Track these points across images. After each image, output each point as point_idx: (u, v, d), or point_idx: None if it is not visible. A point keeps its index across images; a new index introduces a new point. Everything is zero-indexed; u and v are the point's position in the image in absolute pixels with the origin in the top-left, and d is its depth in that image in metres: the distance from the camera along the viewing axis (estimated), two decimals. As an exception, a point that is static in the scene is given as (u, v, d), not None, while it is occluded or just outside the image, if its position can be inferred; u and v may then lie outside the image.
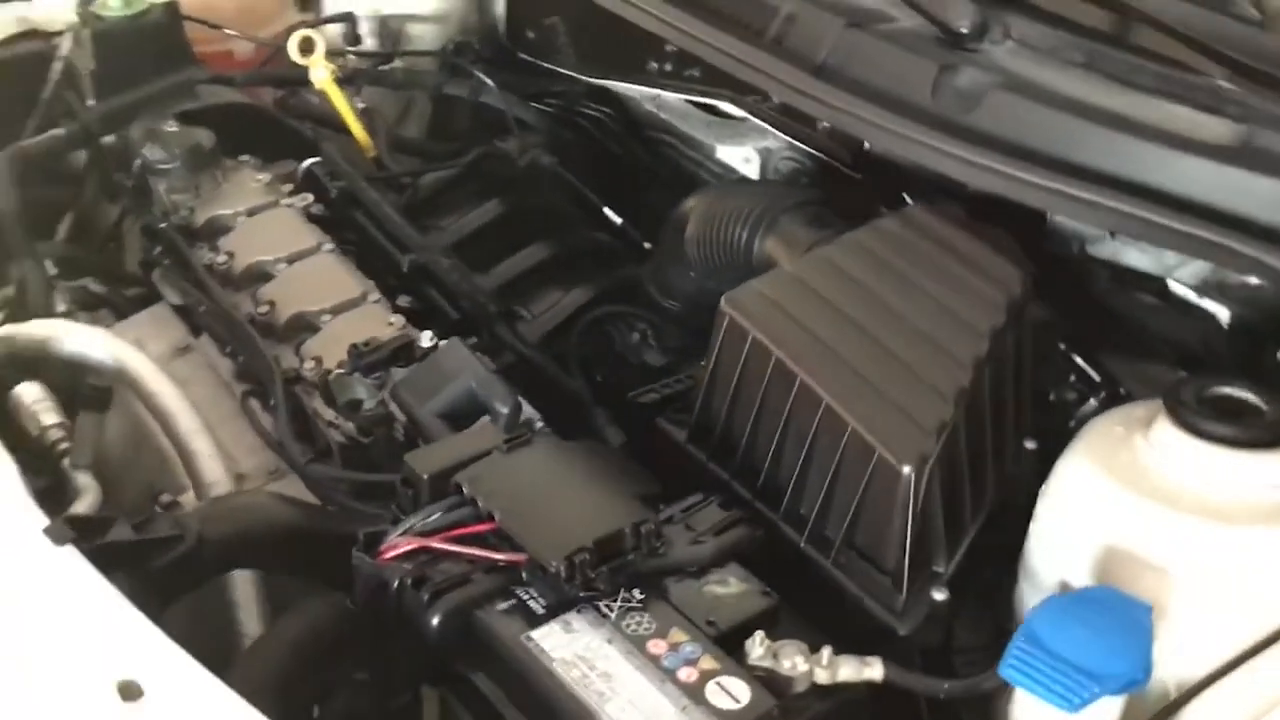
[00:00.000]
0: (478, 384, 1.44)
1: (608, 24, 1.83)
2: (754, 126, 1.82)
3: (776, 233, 1.50)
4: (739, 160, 1.90)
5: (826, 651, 1.12)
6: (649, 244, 1.82)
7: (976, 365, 1.26)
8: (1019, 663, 1.06)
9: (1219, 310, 1.47)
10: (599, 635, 1.13)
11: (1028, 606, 1.19)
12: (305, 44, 1.90)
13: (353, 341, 1.52)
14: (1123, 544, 1.20)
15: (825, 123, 1.57)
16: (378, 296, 1.64)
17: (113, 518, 1.24)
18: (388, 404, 1.49)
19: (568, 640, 1.12)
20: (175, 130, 1.80)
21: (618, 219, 1.87)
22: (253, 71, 2.03)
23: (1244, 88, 1.40)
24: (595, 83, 2.03)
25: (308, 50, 1.90)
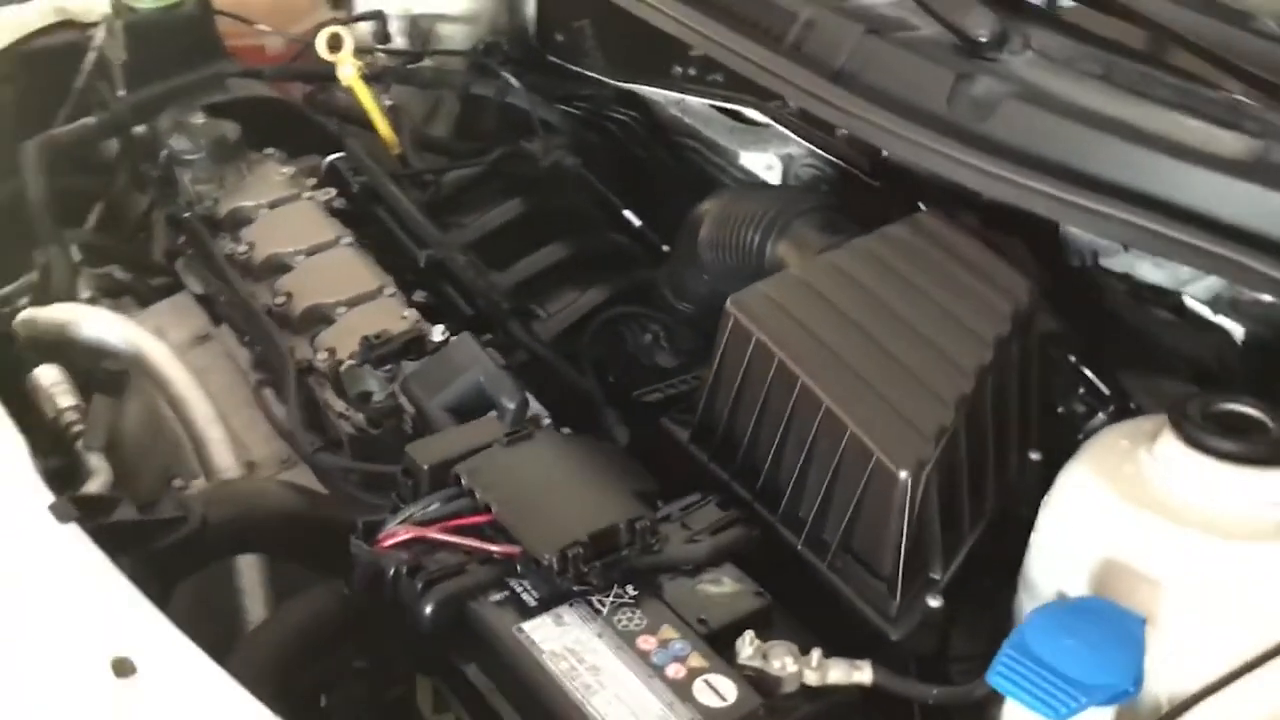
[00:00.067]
0: (486, 379, 1.46)
1: (633, 28, 1.84)
2: (776, 133, 1.83)
3: (789, 237, 1.50)
4: (761, 167, 1.90)
5: (816, 653, 1.12)
6: (668, 247, 1.82)
7: (979, 373, 1.26)
8: (1007, 670, 1.05)
9: (1233, 327, 1.46)
10: (590, 629, 1.13)
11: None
12: (333, 40, 1.92)
13: (366, 334, 1.53)
14: (1122, 556, 1.19)
15: (842, 129, 1.57)
16: (393, 291, 1.66)
17: (118, 498, 1.26)
18: (398, 397, 1.50)
19: (558, 633, 1.13)
20: (201, 122, 1.83)
21: (637, 221, 1.88)
22: (282, 66, 2.05)
23: (1262, 103, 1.39)
24: (622, 86, 2.05)
25: (336, 47, 1.92)
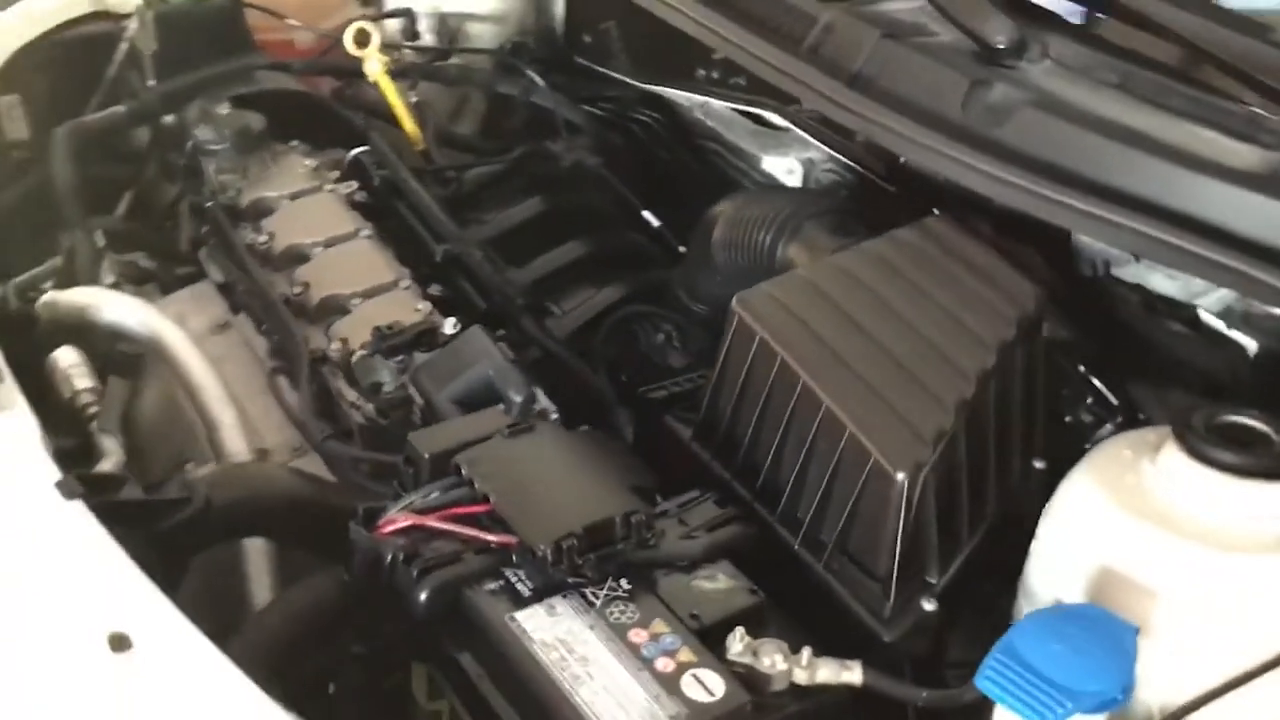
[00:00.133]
0: (495, 372, 1.47)
1: (658, 30, 1.85)
2: (797, 137, 1.83)
3: (800, 239, 1.50)
4: (782, 171, 1.91)
5: (806, 652, 1.13)
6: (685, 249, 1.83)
7: (981, 377, 1.25)
8: (994, 674, 1.05)
9: (1246, 341, 1.45)
10: (582, 621, 1.14)
11: (1023, 624, 1.18)
12: (361, 36, 1.94)
13: (379, 325, 1.55)
14: (1120, 566, 1.18)
15: (859, 133, 1.57)
16: (409, 283, 1.67)
17: (124, 478, 1.28)
18: (408, 388, 1.52)
19: (550, 623, 1.13)
20: (227, 113, 1.85)
21: (656, 222, 1.89)
22: (309, 61, 2.08)
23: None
24: (646, 88, 2.05)
25: (363, 42, 1.94)
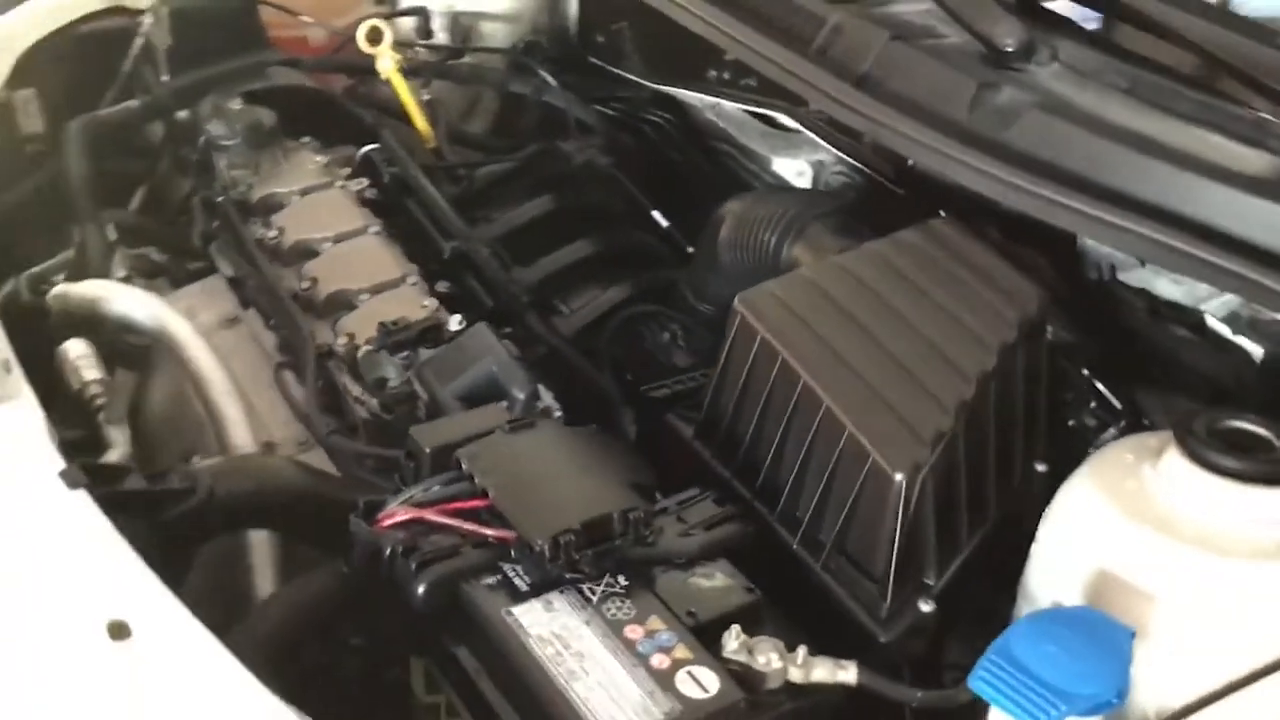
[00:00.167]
0: (498, 369, 1.47)
1: (670, 30, 1.85)
2: (808, 139, 1.83)
3: (804, 239, 1.51)
4: (792, 173, 1.91)
5: (802, 650, 1.13)
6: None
7: (981, 379, 1.25)
8: (988, 675, 1.05)
9: (1252, 347, 1.45)
10: (578, 616, 1.14)
11: (1022, 627, 1.17)
12: (373, 33, 1.95)
13: (385, 320, 1.56)
14: (1120, 570, 1.18)
15: (866, 135, 1.57)
16: (416, 280, 1.68)
17: (128, 468, 1.29)
18: (413, 383, 1.52)
19: (547, 618, 1.14)
20: (239, 108, 1.86)
21: (665, 222, 1.89)
22: (322, 58, 2.09)
23: (1288, 121, 1.38)
24: (658, 89, 2.06)
25: (375, 40, 1.95)
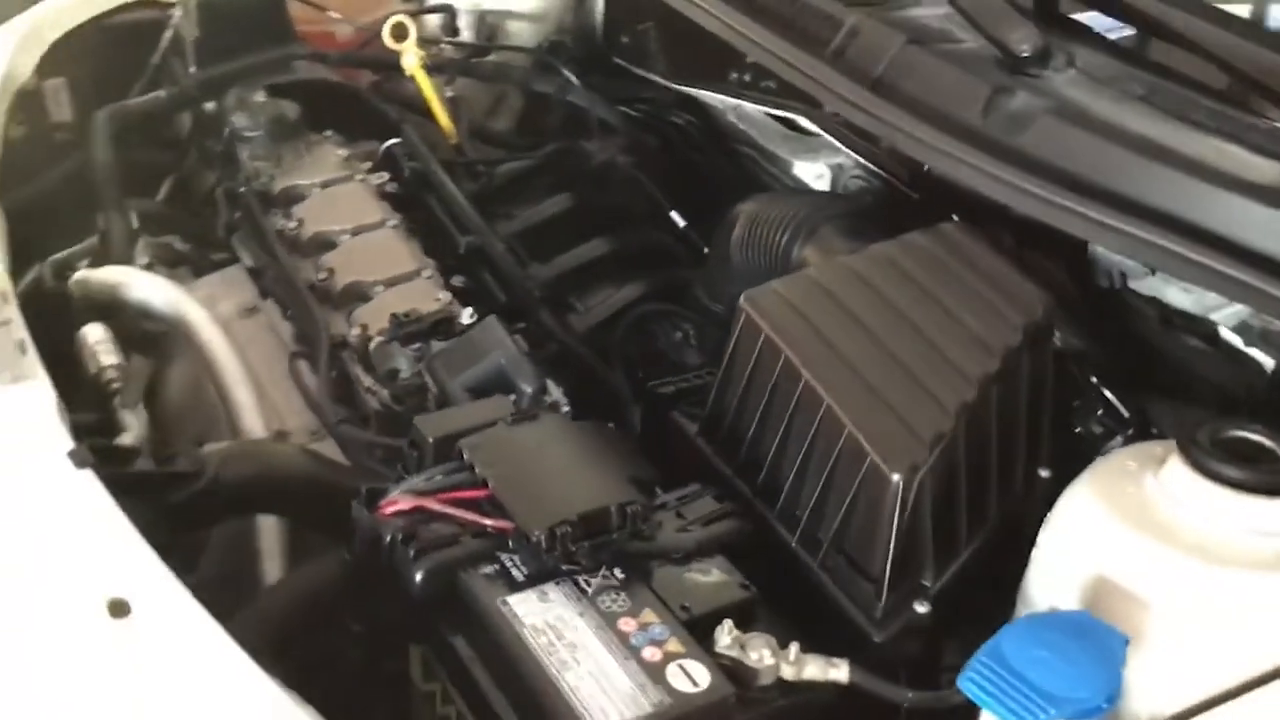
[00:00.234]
0: (507, 362, 1.49)
1: (693, 32, 1.86)
2: (827, 142, 1.84)
3: (815, 241, 1.51)
4: (812, 176, 1.91)
5: (794, 647, 1.13)
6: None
7: (983, 382, 1.25)
8: (977, 676, 1.05)
9: (1264, 358, 1.44)
10: (573, 608, 1.15)
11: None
12: (398, 30, 1.96)
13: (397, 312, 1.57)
14: (1119, 577, 1.18)
15: (880, 138, 1.57)
16: (431, 273, 1.69)
17: (137, 450, 1.31)
18: (424, 375, 1.54)
19: (542, 609, 1.14)
20: (262, 101, 1.88)
21: (682, 222, 1.90)
22: (347, 52, 2.10)
23: (1304, 132, 1.37)
24: (682, 90, 2.06)
25: (400, 36, 1.97)
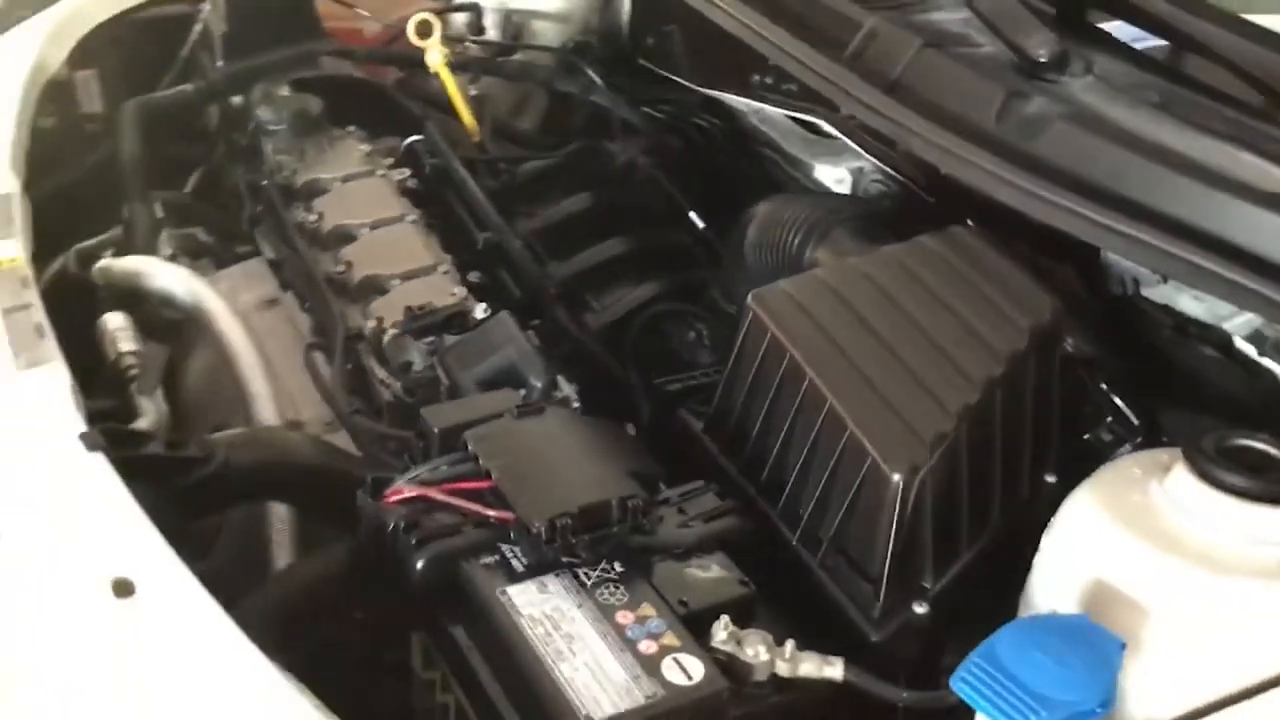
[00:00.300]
0: (518, 357, 1.49)
1: (716, 34, 1.87)
2: (849, 146, 1.83)
3: (827, 243, 1.52)
4: (833, 180, 1.91)
5: (790, 644, 1.13)
6: (728, 251, 1.84)
7: (987, 385, 1.25)
8: (970, 676, 1.05)
9: (1277, 368, 1.43)
10: (571, 600, 1.15)
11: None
12: (423, 27, 1.98)
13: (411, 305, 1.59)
14: (1120, 583, 1.17)
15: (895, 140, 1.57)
16: (448, 268, 1.71)
17: (150, 435, 1.33)
18: (436, 369, 1.55)
19: (540, 600, 1.15)
20: (286, 95, 1.90)
21: (701, 224, 1.90)
22: (372, 49, 2.12)
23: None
24: (705, 93, 2.07)
25: (425, 33, 1.98)
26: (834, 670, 1.13)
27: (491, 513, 1.20)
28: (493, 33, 2.20)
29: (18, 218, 1.57)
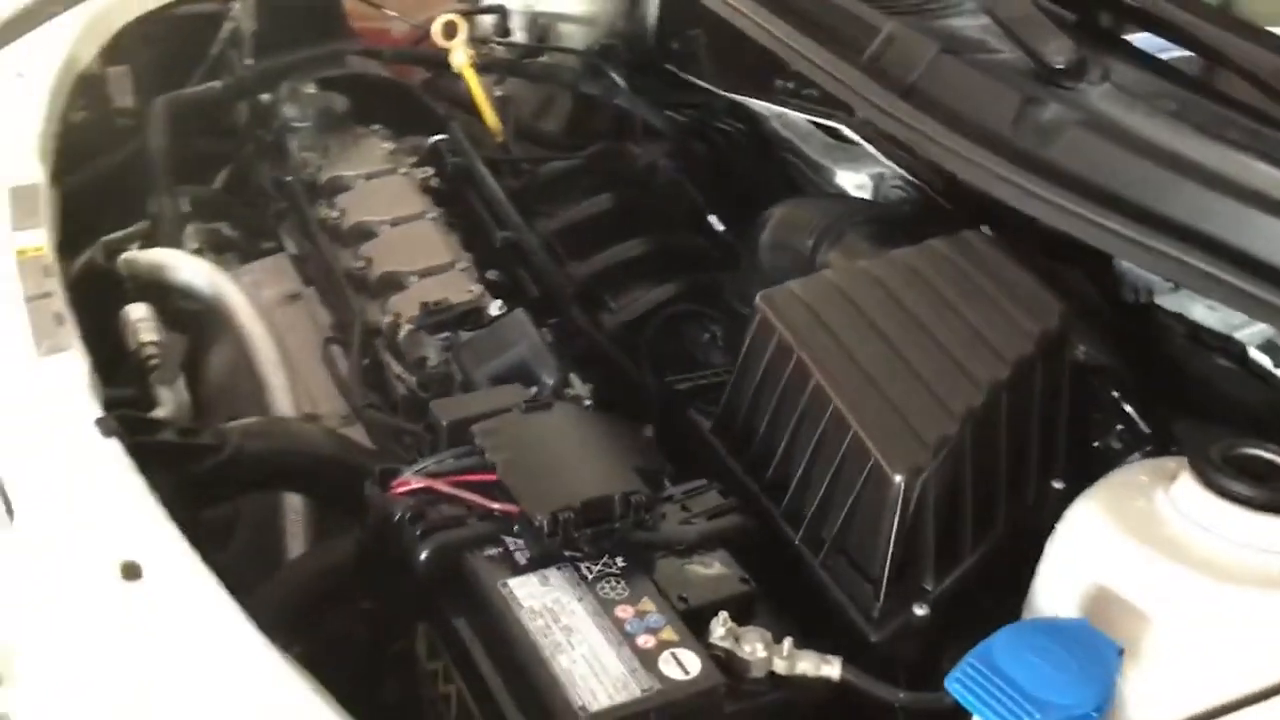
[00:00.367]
0: (531, 354, 1.51)
1: (740, 38, 1.88)
2: (869, 151, 1.84)
3: (841, 246, 1.52)
4: (854, 185, 1.91)
5: (788, 642, 1.14)
6: (745, 254, 1.85)
7: (993, 389, 1.25)
8: (966, 678, 1.05)
9: (1290, 379, 1.43)
10: (572, 593, 1.16)
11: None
12: (449, 28, 2.00)
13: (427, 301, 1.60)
14: (1124, 590, 1.17)
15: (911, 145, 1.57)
16: (466, 266, 1.72)
17: (165, 422, 1.34)
18: (450, 365, 1.56)
19: (541, 592, 1.16)
20: (312, 93, 1.92)
21: (720, 226, 1.91)
22: (400, 49, 2.15)
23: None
24: (728, 96, 2.08)
25: (450, 34, 2.00)
26: (831, 669, 1.13)
27: (496, 505, 1.21)
28: (518, 35, 2.22)
29: (43, 208, 1.59)
